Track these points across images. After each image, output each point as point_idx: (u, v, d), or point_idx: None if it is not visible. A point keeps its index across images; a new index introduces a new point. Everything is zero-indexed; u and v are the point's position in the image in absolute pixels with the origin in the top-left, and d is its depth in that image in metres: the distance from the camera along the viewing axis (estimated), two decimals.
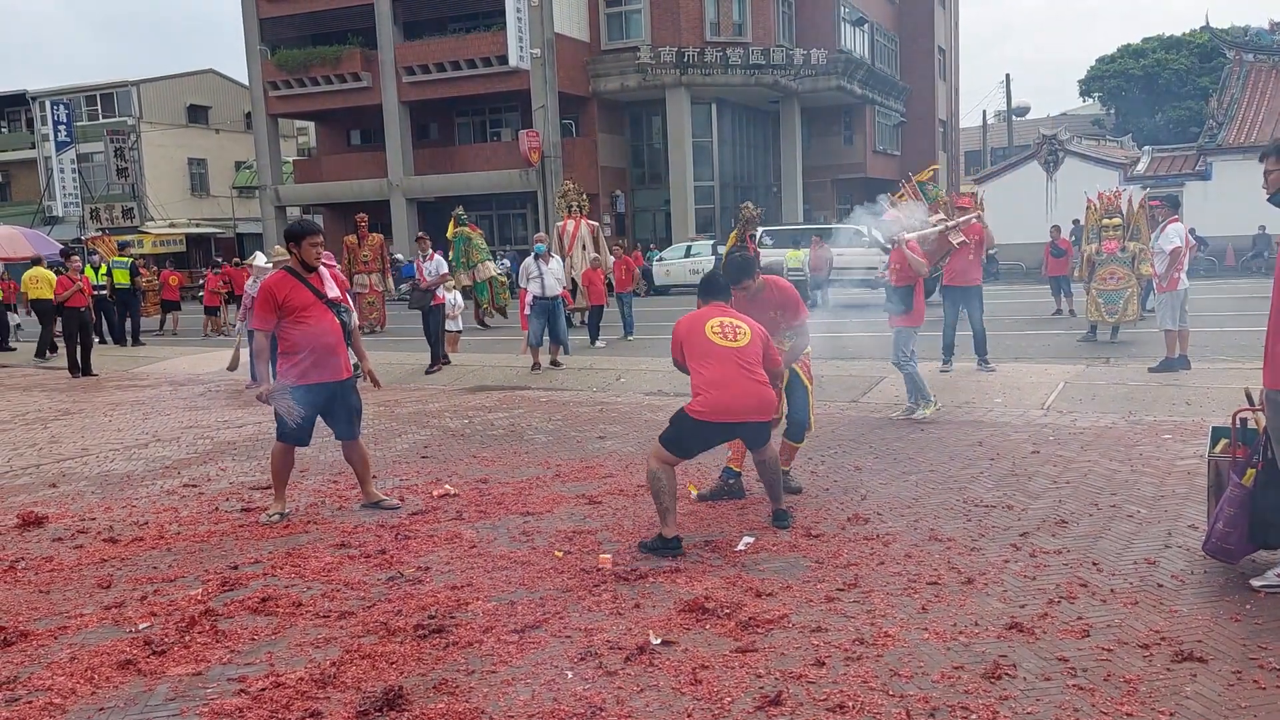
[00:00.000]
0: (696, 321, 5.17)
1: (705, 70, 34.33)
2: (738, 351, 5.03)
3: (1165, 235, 9.82)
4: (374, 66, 36.32)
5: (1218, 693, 3.27)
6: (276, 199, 39.51)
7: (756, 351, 5.10)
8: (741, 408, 4.98)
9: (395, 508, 6.03)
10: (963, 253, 9.89)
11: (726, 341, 5.04)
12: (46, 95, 45.55)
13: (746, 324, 5.19)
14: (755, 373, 5.05)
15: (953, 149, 50.80)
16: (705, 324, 5.12)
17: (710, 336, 5.07)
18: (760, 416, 5.07)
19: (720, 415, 4.97)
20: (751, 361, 5.06)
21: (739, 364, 5.01)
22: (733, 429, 5.11)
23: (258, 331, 5.83)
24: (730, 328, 5.12)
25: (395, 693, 3.43)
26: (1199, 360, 9.99)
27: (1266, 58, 29.97)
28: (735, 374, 4.98)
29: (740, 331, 5.11)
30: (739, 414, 4.99)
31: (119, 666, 3.81)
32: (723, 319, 5.16)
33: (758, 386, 5.02)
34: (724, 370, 4.98)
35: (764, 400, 5.05)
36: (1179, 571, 4.40)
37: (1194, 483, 5.72)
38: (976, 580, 4.37)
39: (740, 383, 4.98)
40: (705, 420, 4.98)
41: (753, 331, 5.16)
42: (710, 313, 5.22)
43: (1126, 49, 49.10)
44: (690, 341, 5.13)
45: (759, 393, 5.02)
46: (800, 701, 3.32)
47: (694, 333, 5.13)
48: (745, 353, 5.05)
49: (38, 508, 6.37)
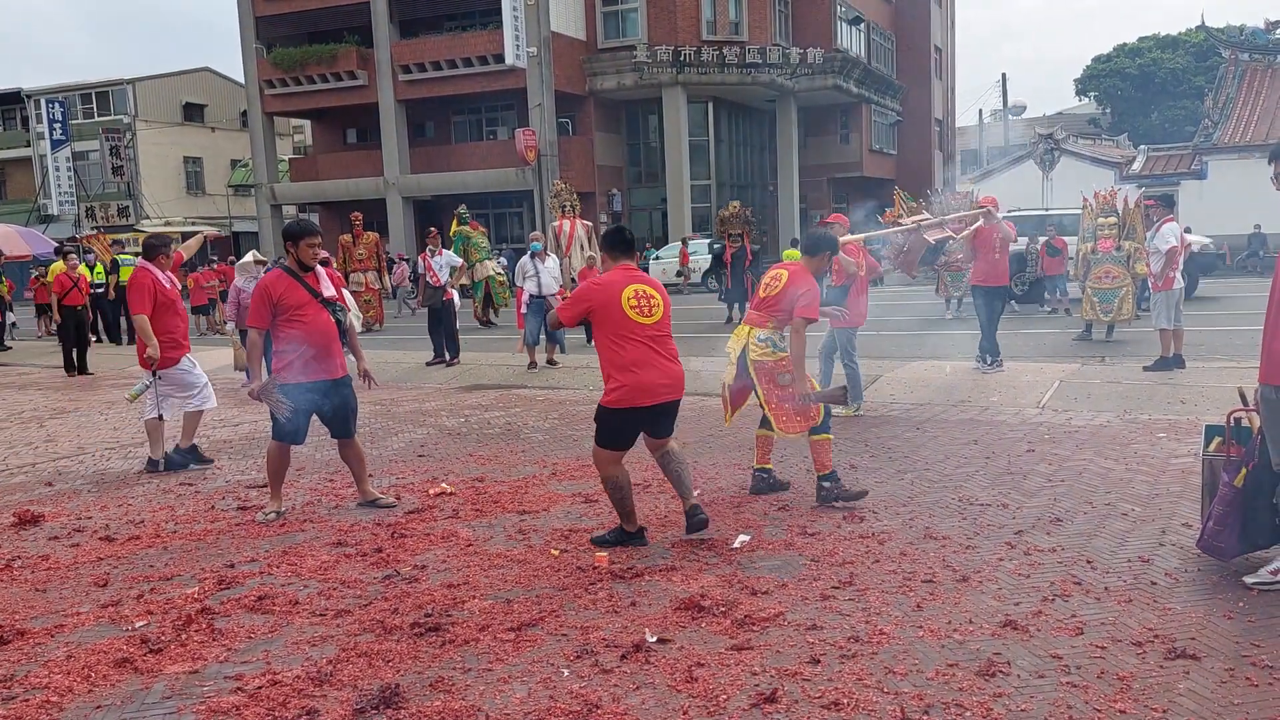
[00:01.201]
0: (612, 291, 4.90)
1: (702, 69, 34.34)
2: (654, 327, 4.89)
3: (1161, 234, 9.84)
4: (370, 65, 36.27)
5: (1211, 690, 3.29)
6: (272, 197, 39.46)
7: (668, 324, 4.98)
8: (660, 388, 4.88)
9: (392, 506, 6.04)
10: (987, 254, 9.89)
11: (642, 318, 4.86)
12: (42, 93, 45.50)
13: (658, 292, 5.00)
14: (668, 348, 4.94)
15: (949, 148, 50.83)
16: (622, 295, 4.87)
17: (628, 312, 4.85)
18: (675, 395, 4.96)
19: (641, 399, 4.84)
20: (665, 336, 4.94)
21: (655, 342, 4.88)
22: (654, 411, 4.94)
23: (251, 329, 5.83)
24: (645, 299, 4.91)
25: (392, 691, 3.44)
26: (1193, 359, 10.02)
27: (1262, 57, 30.04)
28: (652, 355, 4.86)
29: (654, 304, 4.93)
30: (658, 395, 4.88)
31: (116, 665, 3.81)
32: (637, 288, 4.93)
33: (671, 365, 4.92)
34: (643, 352, 4.84)
35: (678, 378, 4.96)
36: (1172, 569, 4.42)
37: (1188, 481, 5.74)
38: (971, 578, 4.39)
39: (658, 363, 4.87)
40: (627, 408, 4.87)
41: (664, 301, 4.99)
42: (622, 279, 4.96)
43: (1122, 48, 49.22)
44: (606, 315, 4.88)
45: (673, 371, 4.92)
46: (796, 699, 3.33)
47: (610, 305, 4.86)
48: (660, 328, 4.91)
49: (34, 506, 6.36)
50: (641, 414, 4.93)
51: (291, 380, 5.75)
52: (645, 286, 4.97)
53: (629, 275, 5.00)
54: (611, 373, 4.88)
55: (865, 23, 41.60)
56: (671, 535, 5.24)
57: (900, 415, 8.37)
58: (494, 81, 34.31)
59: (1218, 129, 28.43)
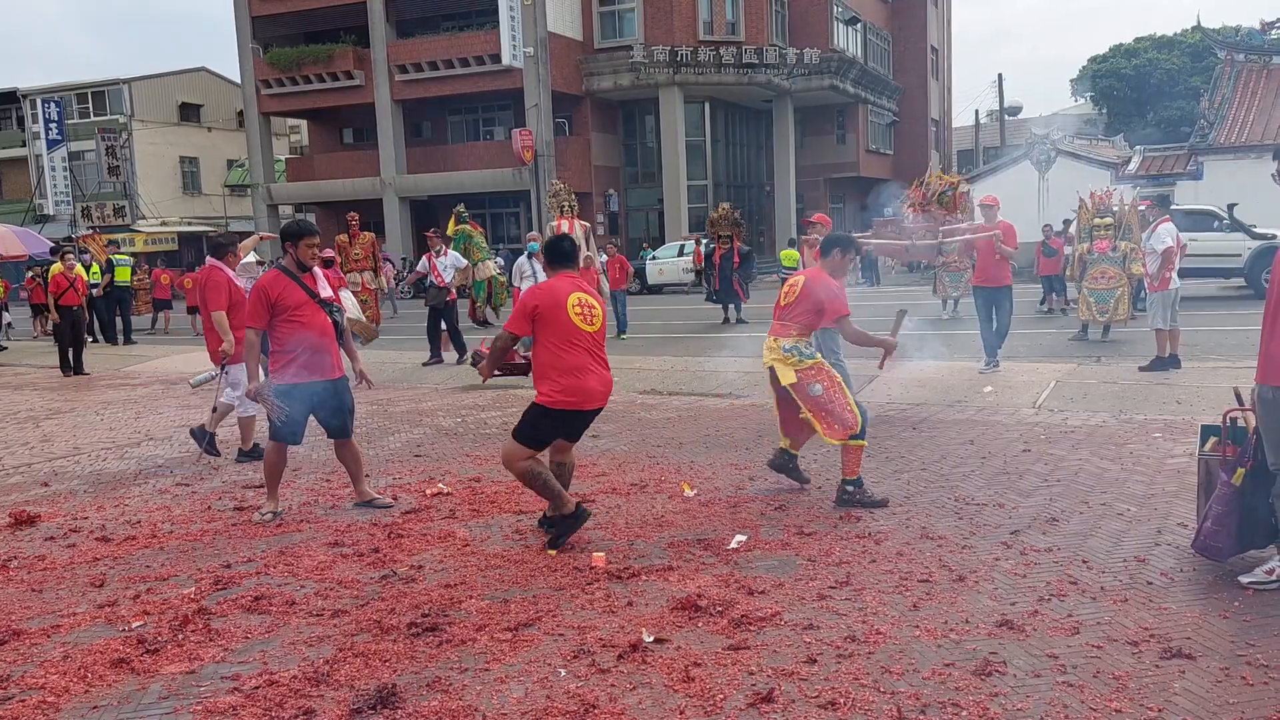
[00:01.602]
0: (558, 296, 5.00)
1: (698, 69, 34.37)
2: (594, 336, 5.02)
3: (1157, 235, 9.86)
4: (367, 65, 36.27)
5: (1206, 689, 3.30)
6: (268, 197, 39.44)
7: (604, 334, 5.15)
8: (599, 394, 5.03)
9: (388, 506, 6.04)
10: (989, 254, 9.92)
11: (586, 325, 4.98)
12: (38, 93, 45.43)
13: (598, 302, 5.16)
14: (603, 356, 5.11)
15: (945, 148, 50.91)
16: (566, 301, 4.97)
17: (573, 318, 4.95)
18: (605, 401, 5.15)
19: (585, 403, 5.00)
20: (602, 345, 5.11)
21: (595, 350, 5.03)
22: (584, 417, 5.11)
23: (249, 329, 5.82)
24: (587, 307, 5.03)
25: (389, 691, 3.44)
26: (1189, 359, 10.04)
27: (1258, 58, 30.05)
28: (592, 361, 5.00)
29: (595, 313, 5.07)
30: (597, 400, 5.04)
31: (112, 665, 3.81)
32: (580, 295, 5.04)
33: (606, 373, 5.10)
34: (584, 358, 4.97)
35: (610, 386, 5.15)
36: (1168, 569, 4.43)
37: (1184, 481, 5.75)
38: (967, 578, 4.40)
39: (597, 370, 5.01)
40: (564, 409, 4.97)
41: (603, 311, 5.18)
42: (566, 286, 5.07)
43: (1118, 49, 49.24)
44: (551, 319, 4.96)
45: (608, 379, 5.11)
46: (792, 699, 3.33)
47: (556, 309, 4.96)
48: (599, 336, 5.08)
49: (30, 507, 6.35)
50: (575, 417, 5.08)
51: (288, 381, 5.75)
52: (587, 295, 5.11)
53: (573, 283, 5.13)
54: (552, 375, 4.96)
55: (862, 23, 41.66)
56: (668, 535, 5.24)
57: (896, 415, 8.38)
58: (491, 81, 34.32)
59: (1213, 130, 28.44)
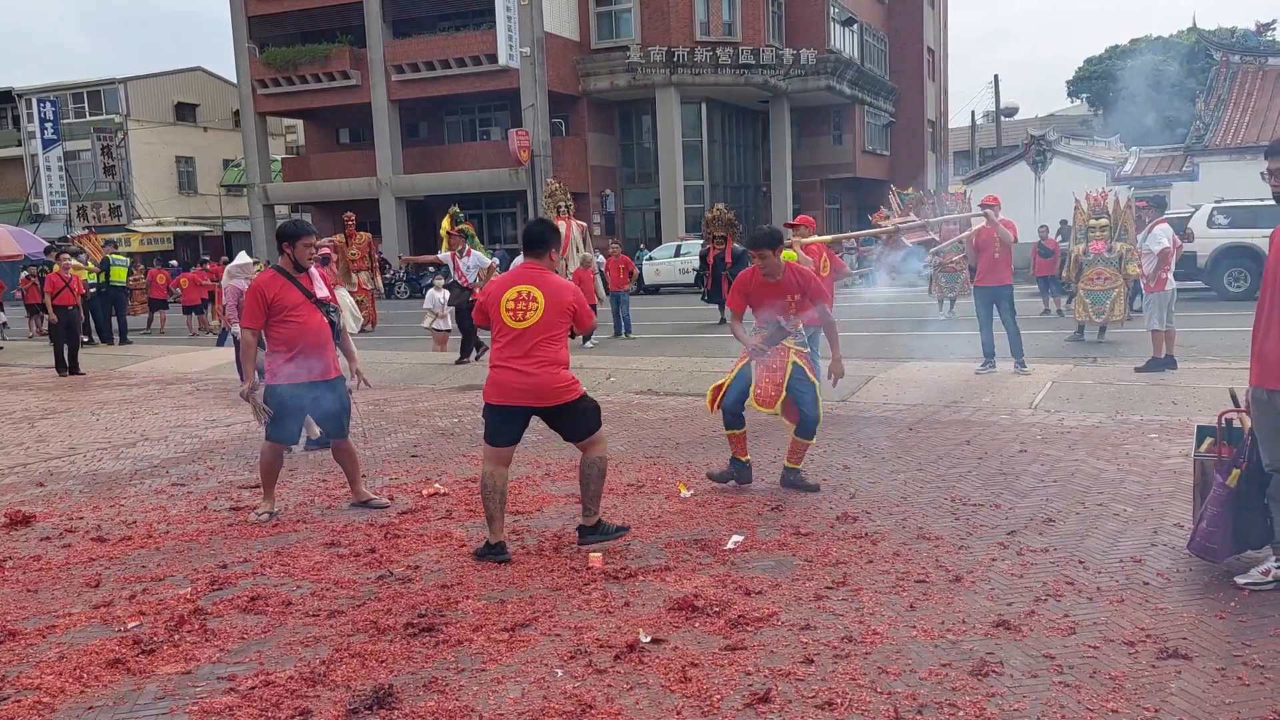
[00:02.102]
0: (499, 289, 4.98)
1: (695, 70, 34.37)
2: (520, 333, 4.83)
3: (1153, 236, 9.87)
4: (363, 65, 36.23)
5: (1202, 689, 3.30)
6: (265, 197, 39.40)
7: (545, 328, 4.84)
8: (514, 391, 4.85)
9: (385, 506, 6.03)
10: (989, 252, 9.91)
11: (514, 321, 4.84)
12: (33, 93, 45.33)
13: (543, 294, 4.86)
14: (532, 356, 4.82)
15: (941, 149, 50.96)
16: (503, 296, 4.90)
17: (503, 314, 4.88)
18: (537, 402, 4.87)
19: (498, 397, 4.89)
20: (532, 341, 4.83)
21: (517, 346, 4.84)
22: (515, 412, 4.92)
23: (245, 329, 5.81)
24: (523, 303, 4.86)
25: (385, 691, 3.43)
26: (1185, 360, 10.06)
27: (1253, 59, 30.12)
28: (510, 357, 4.84)
29: (531, 309, 4.84)
30: (513, 397, 4.87)
31: (108, 665, 3.80)
32: (520, 289, 4.89)
33: (530, 369, 4.81)
34: (504, 352, 4.87)
35: (536, 387, 4.83)
36: (1164, 569, 4.43)
37: (1180, 481, 5.76)
38: (964, 578, 4.40)
39: (514, 366, 4.83)
40: (489, 402, 4.95)
41: (546, 305, 4.84)
42: (514, 279, 5.00)
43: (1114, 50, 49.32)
44: (490, 311, 4.95)
45: (528, 378, 4.82)
46: (789, 699, 3.33)
47: (492, 302, 4.94)
48: (527, 334, 4.82)
49: (25, 507, 6.33)
50: (504, 411, 4.93)
51: (284, 381, 5.74)
52: (532, 289, 4.88)
53: (522, 275, 4.98)
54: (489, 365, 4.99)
55: (858, 24, 41.69)
56: (665, 535, 5.24)
57: (893, 416, 8.38)
58: (487, 82, 34.30)
59: (1209, 131, 28.51)
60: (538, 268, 5.01)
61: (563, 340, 4.95)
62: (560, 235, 5.38)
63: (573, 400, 4.95)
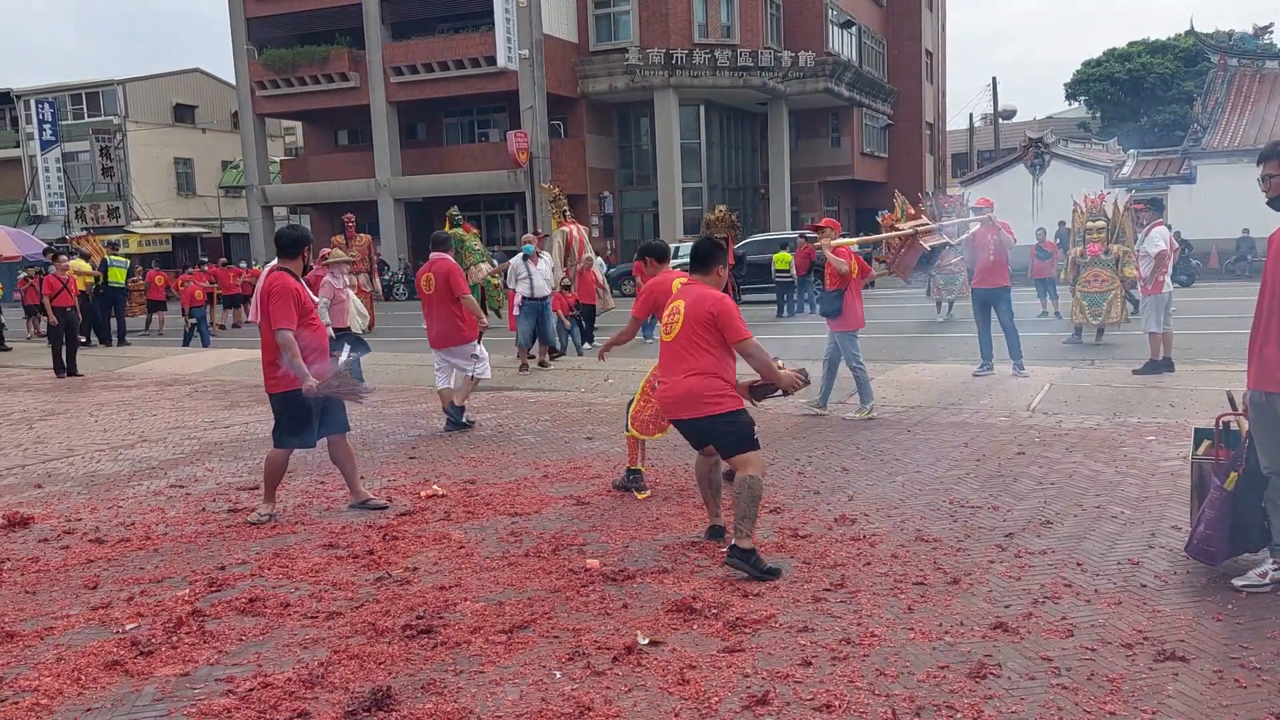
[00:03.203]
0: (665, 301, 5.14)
1: (693, 72, 34.38)
2: (667, 346, 4.88)
3: (1150, 238, 9.88)
4: (362, 66, 36.23)
5: (1200, 691, 3.31)
6: (263, 199, 39.38)
7: (688, 339, 4.77)
8: (666, 403, 4.91)
9: (383, 508, 6.03)
10: (984, 255, 9.91)
11: (665, 335, 4.91)
12: (31, 94, 45.27)
13: (684, 310, 4.84)
14: (678, 368, 4.79)
15: (939, 152, 50.99)
16: (667, 311, 4.98)
17: (664, 327, 4.96)
18: (682, 413, 4.82)
19: (665, 413, 5.08)
20: (680, 353, 4.79)
21: (667, 358, 4.88)
22: (684, 426, 4.94)
23: (284, 331, 5.68)
24: (674, 316, 4.89)
25: (383, 693, 3.43)
26: (1182, 363, 10.07)
27: (1250, 62, 30.20)
28: (662, 370, 4.94)
29: (675, 321, 4.87)
30: (669, 411, 4.95)
31: (106, 667, 3.80)
32: (675, 304, 4.93)
33: (674, 381, 4.80)
34: (660, 368, 5.01)
35: (678, 397, 4.79)
36: (1162, 572, 4.44)
37: (1177, 484, 5.77)
38: (962, 580, 4.40)
39: (664, 379, 4.90)
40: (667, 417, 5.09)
41: (685, 318, 4.82)
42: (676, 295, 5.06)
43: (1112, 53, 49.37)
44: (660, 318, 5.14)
45: (671, 392, 4.82)
46: (787, 701, 3.34)
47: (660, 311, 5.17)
48: (673, 347, 4.84)
49: (23, 508, 6.33)
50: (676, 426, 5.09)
51: None
52: (680, 301, 4.91)
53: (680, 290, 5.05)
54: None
55: (857, 26, 41.72)
56: (663, 538, 5.24)
57: (891, 418, 8.39)
58: (486, 84, 34.31)
59: (1206, 134, 28.56)
60: (694, 281, 4.98)
61: (712, 350, 4.74)
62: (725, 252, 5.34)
63: (722, 414, 4.73)
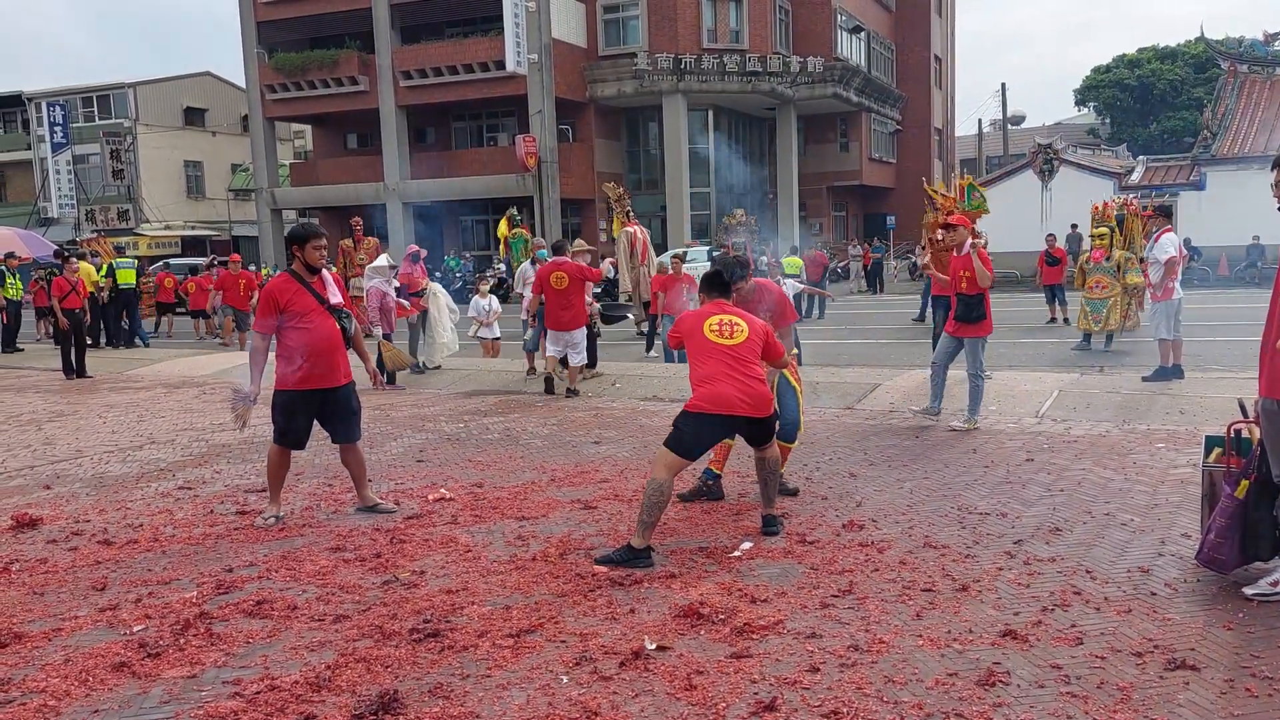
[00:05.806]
0: (698, 320, 5.38)
1: (702, 77, 34.41)
2: (731, 349, 5.21)
3: (1160, 245, 9.86)
4: (371, 70, 36.31)
5: (1210, 701, 3.29)
6: (273, 202, 39.48)
7: (752, 348, 5.26)
8: (733, 400, 5.10)
9: (391, 511, 6.03)
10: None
11: (722, 339, 5.23)
12: (43, 96, 45.52)
13: (745, 321, 5.33)
14: (748, 369, 5.19)
15: (948, 157, 50.92)
16: (705, 322, 5.32)
17: (708, 334, 5.26)
18: (754, 412, 5.16)
19: (715, 407, 5.10)
20: (745, 358, 5.21)
21: (732, 360, 5.18)
22: (729, 422, 5.18)
23: (255, 333, 5.81)
24: (728, 325, 5.28)
25: (390, 696, 3.43)
26: (1192, 369, 10.03)
27: (1261, 69, 30.13)
28: (727, 369, 5.16)
29: (737, 329, 5.27)
30: (731, 406, 5.10)
31: (113, 669, 3.80)
32: (722, 317, 5.33)
33: (749, 382, 5.16)
34: (717, 366, 5.17)
35: (755, 395, 5.15)
36: (1172, 580, 4.41)
37: (1187, 491, 5.74)
38: (971, 587, 4.39)
39: (732, 377, 5.14)
40: (702, 413, 5.10)
41: (750, 329, 5.30)
42: (710, 311, 5.41)
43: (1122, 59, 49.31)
44: (691, 339, 5.35)
45: (750, 389, 5.15)
46: (795, 708, 3.33)
47: (695, 331, 5.34)
48: (739, 350, 5.21)
49: (32, 509, 6.34)
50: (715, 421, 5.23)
51: (294, 387, 5.75)
52: (732, 316, 5.35)
53: (717, 307, 5.44)
54: (694, 383, 5.25)
55: (865, 31, 41.72)
56: (670, 542, 5.23)
57: (900, 424, 8.37)
58: (495, 88, 34.36)
59: (1216, 140, 28.50)
60: (725, 304, 5.48)
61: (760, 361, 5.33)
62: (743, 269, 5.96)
63: (775, 412, 5.43)
